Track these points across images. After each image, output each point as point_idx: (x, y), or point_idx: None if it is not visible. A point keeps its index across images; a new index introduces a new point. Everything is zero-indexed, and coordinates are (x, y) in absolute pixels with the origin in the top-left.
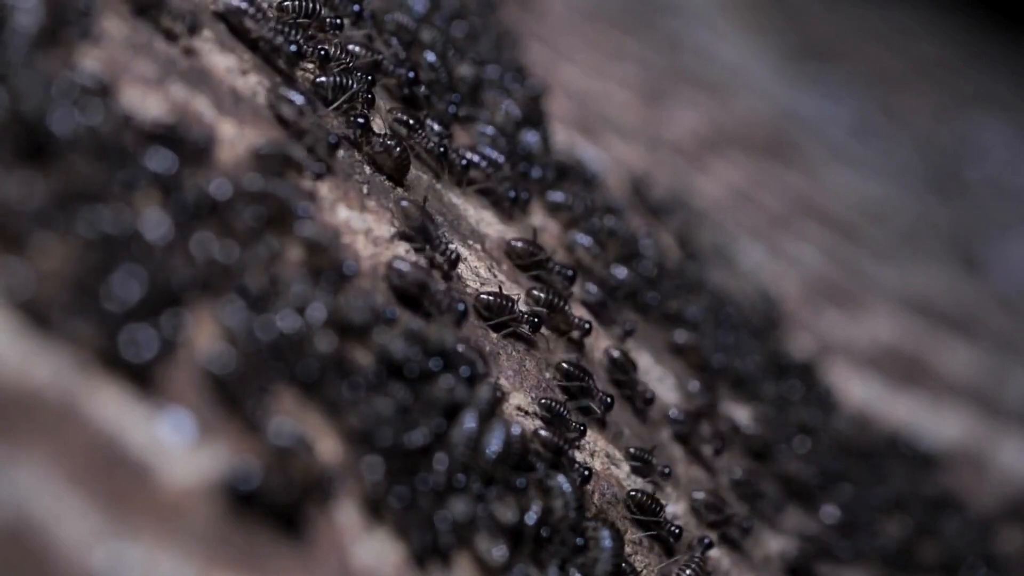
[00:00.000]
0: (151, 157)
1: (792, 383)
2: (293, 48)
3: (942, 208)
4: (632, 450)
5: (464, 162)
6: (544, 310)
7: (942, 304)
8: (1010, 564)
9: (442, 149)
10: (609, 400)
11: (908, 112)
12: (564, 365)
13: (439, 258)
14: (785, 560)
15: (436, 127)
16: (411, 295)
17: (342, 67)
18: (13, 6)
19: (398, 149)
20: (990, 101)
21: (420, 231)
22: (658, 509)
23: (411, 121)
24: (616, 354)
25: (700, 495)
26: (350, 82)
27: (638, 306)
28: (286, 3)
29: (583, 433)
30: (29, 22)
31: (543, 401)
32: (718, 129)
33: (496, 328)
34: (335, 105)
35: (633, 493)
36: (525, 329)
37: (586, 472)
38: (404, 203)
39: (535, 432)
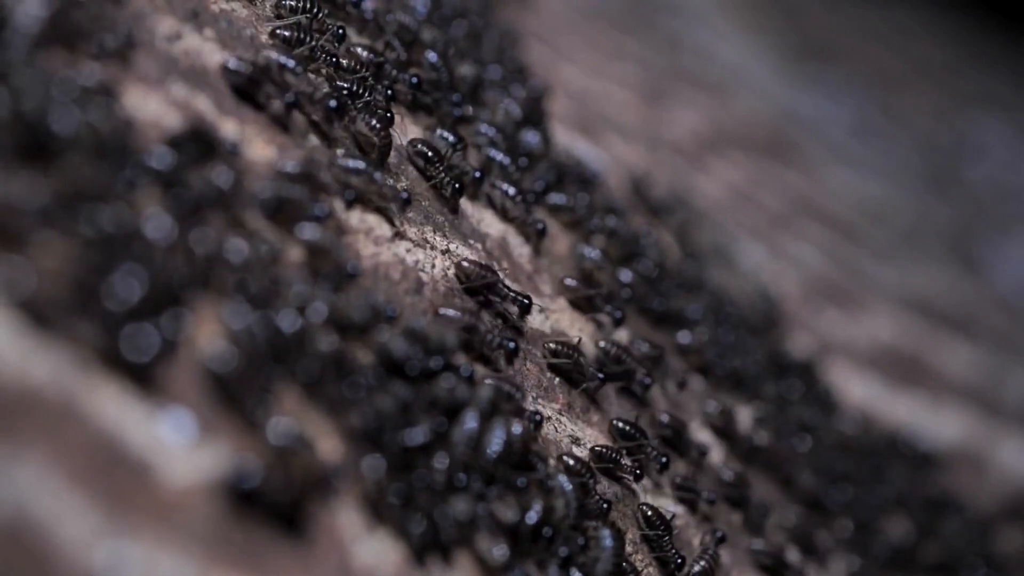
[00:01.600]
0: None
1: (792, 383)
2: (333, 103)
3: (942, 208)
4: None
5: (487, 198)
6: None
7: (942, 304)
8: (1010, 564)
9: (458, 186)
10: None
11: (908, 112)
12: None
13: (510, 307)
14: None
15: (450, 137)
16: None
17: (361, 80)
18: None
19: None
20: (990, 101)
21: (485, 287)
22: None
23: (430, 153)
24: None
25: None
26: (365, 92)
27: (643, 309)
28: (285, 3)
29: (639, 477)
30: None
31: (597, 449)
32: (718, 129)
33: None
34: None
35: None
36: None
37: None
38: (464, 263)
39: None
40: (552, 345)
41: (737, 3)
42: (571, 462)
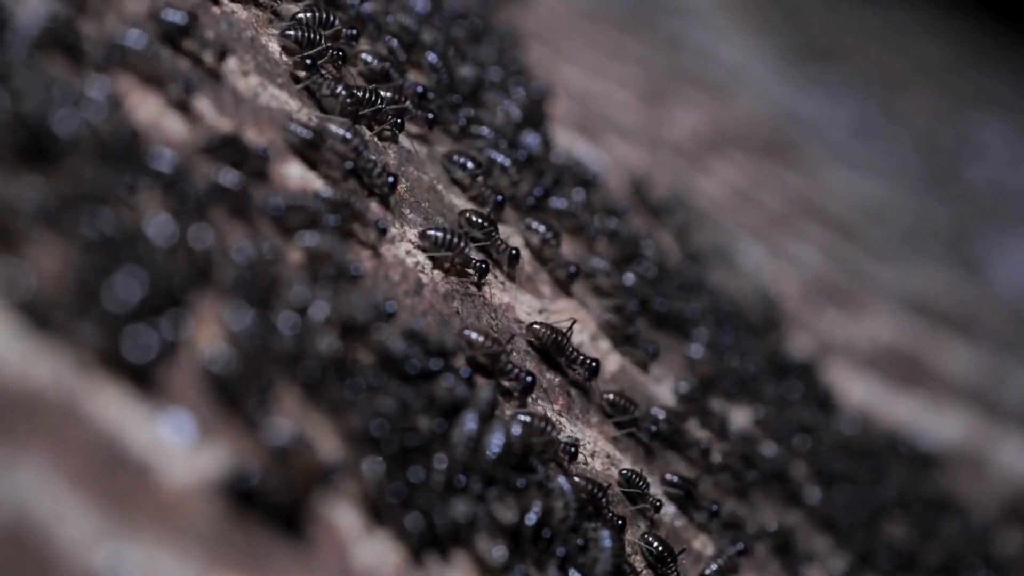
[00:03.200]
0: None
1: (792, 383)
2: (391, 180)
3: (942, 208)
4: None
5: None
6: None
7: (942, 304)
8: (1010, 564)
9: (515, 252)
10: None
11: (908, 112)
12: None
13: (578, 369)
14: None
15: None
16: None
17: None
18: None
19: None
20: (990, 101)
21: (553, 345)
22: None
23: (485, 224)
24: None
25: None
26: (377, 99)
27: (648, 312)
28: (300, 15)
29: (658, 508)
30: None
31: (624, 471)
32: (718, 129)
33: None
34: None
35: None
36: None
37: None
38: (536, 326)
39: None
40: (611, 396)
41: (737, 3)
42: (580, 481)
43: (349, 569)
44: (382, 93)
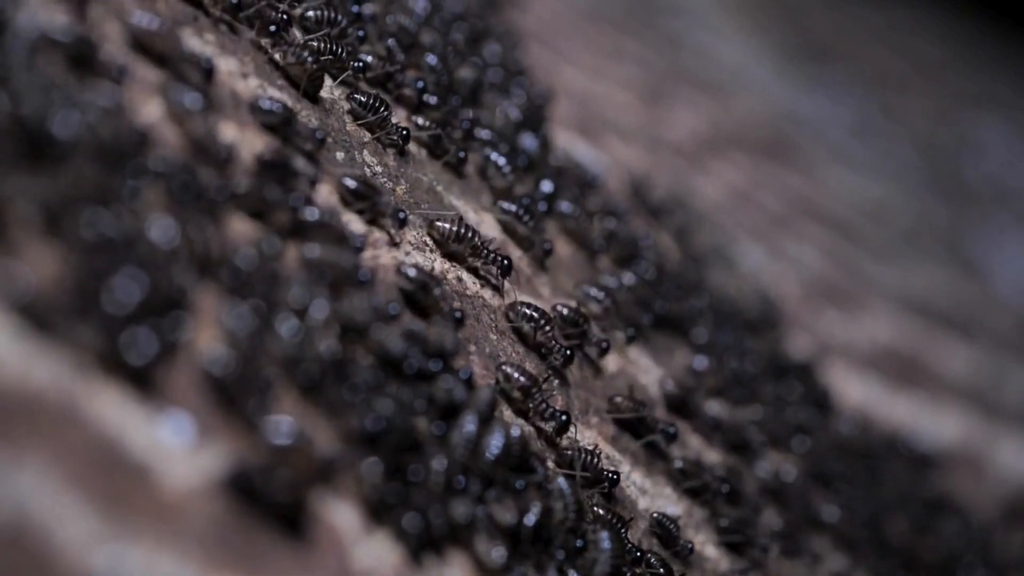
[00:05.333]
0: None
1: (791, 383)
2: (402, 216)
3: (942, 208)
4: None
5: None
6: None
7: (941, 305)
8: (1008, 565)
9: (569, 353)
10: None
11: (908, 112)
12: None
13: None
14: None
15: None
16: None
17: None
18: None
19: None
20: (990, 101)
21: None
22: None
23: (538, 316)
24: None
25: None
26: (381, 106)
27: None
28: (309, 14)
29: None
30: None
31: (655, 515)
32: (718, 130)
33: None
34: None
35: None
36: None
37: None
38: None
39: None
40: (618, 400)
41: (737, 3)
42: (602, 512)
43: (348, 570)
44: (420, 121)
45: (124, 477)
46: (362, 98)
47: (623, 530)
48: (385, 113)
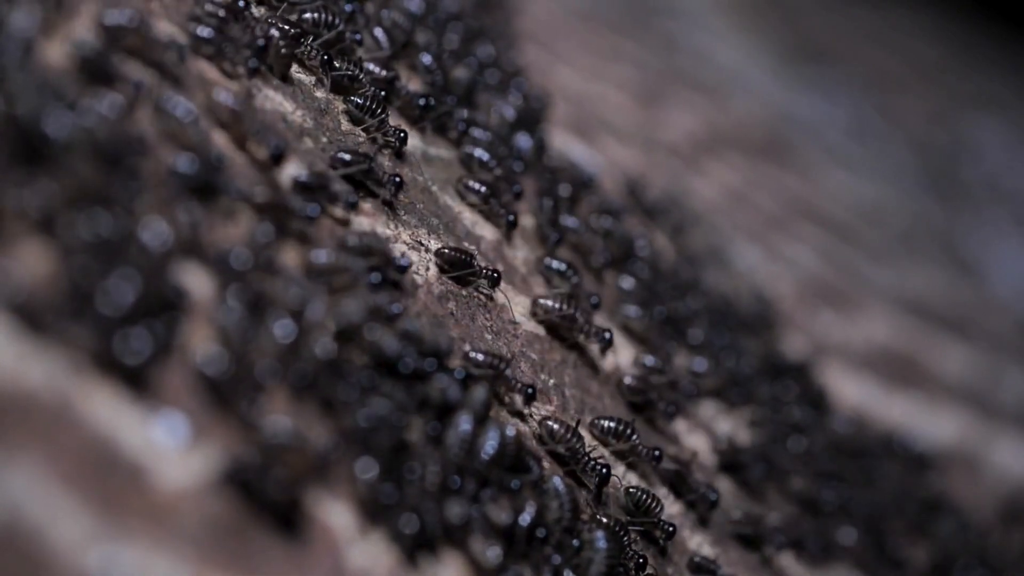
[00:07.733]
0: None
1: (787, 384)
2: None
3: (938, 209)
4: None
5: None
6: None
7: (938, 305)
8: (1005, 565)
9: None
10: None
11: (905, 113)
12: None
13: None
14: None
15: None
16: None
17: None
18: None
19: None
20: (987, 102)
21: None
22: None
23: (565, 308)
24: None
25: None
26: (379, 109)
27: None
28: (306, 15)
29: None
30: None
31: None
32: (714, 131)
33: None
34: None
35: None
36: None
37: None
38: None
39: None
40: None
41: (733, 4)
42: (606, 520)
43: (343, 570)
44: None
45: (118, 477)
46: (359, 100)
47: (620, 532)
48: (383, 116)
